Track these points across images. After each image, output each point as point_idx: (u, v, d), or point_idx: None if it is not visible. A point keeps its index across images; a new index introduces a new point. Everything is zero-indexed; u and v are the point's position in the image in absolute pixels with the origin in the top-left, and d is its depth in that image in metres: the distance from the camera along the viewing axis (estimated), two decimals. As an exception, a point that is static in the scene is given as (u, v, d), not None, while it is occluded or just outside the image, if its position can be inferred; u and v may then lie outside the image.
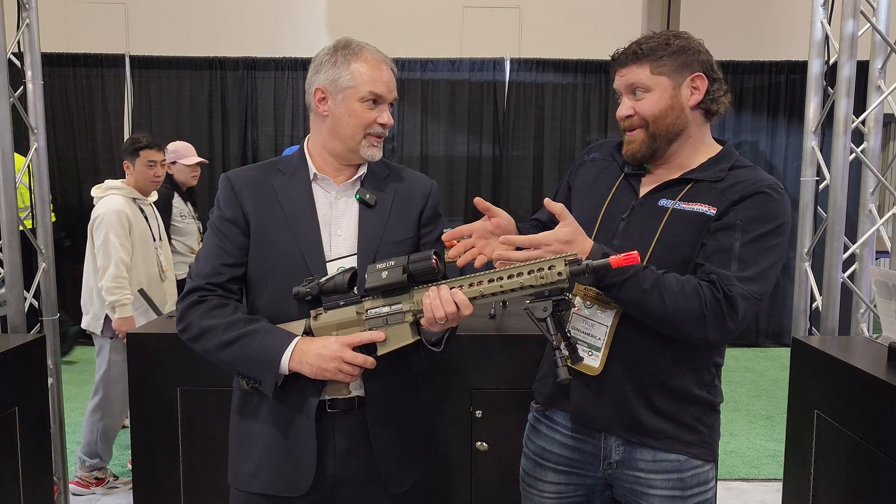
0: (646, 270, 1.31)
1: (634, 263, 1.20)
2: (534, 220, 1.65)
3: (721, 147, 1.47)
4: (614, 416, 1.43)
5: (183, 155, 3.80)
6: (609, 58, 1.50)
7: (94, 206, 3.10)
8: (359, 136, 1.43)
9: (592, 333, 1.43)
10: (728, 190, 1.37)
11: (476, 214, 1.66)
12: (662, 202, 1.41)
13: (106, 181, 3.17)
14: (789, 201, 1.38)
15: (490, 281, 1.28)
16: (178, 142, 3.89)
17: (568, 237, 1.31)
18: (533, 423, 1.60)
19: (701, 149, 1.45)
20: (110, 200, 3.05)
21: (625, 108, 1.44)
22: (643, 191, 1.46)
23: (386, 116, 1.45)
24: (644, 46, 1.40)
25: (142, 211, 3.16)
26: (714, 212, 1.36)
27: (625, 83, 1.43)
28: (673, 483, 1.42)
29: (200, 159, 3.86)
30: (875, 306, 2.24)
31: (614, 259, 1.19)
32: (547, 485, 1.54)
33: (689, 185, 1.41)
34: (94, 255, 3.02)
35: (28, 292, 2.53)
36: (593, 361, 1.42)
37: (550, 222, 1.50)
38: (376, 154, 1.46)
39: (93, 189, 3.18)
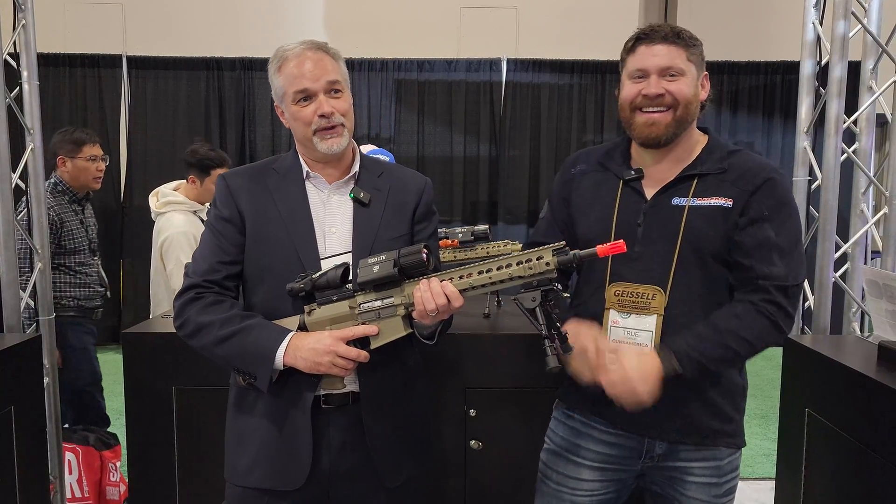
0: (703, 343, 1.36)
1: (621, 251, 1.23)
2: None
3: (706, 135, 1.51)
4: (667, 419, 1.44)
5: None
6: (605, 58, 1.56)
7: (151, 213, 3.06)
8: (309, 135, 1.43)
9: (638, 341, 1.43)
10: (738, 180, 1.42)
11: (474, 214, 1.67)
12: (676, 201, 1.43)
13: (161, 190, 3.09)
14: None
15: (480, 273, 1.30)
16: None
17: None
18: (564, 421, 1.57)
19: (694, 140, 1.50)
20: (174, 219, 2.99)
21: (656, 87, 1.42)
22: (649, 193, 1.46)
23: (323, 107, 1.41)
24: (682, 33, 1.44)
25: (202, 221, 3.16)
26: (731, 203, 1.40)
27: (660, 63, 1.42)
28: (711, 471, 1.46)
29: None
30: (866, 306, 2.25)
31: (601, 248, 1.23)
32: (582, 482, 1.52)
33: (696, 181, 1.43)
34: (162, 272, 3.00)
35: (24, 292, 2.54)
36: None
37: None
38: (333, 146, 1.43)
39: (150, 197, 3.13)
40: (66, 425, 2.95)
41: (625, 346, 1.40)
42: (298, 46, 1.44)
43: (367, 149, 3.14)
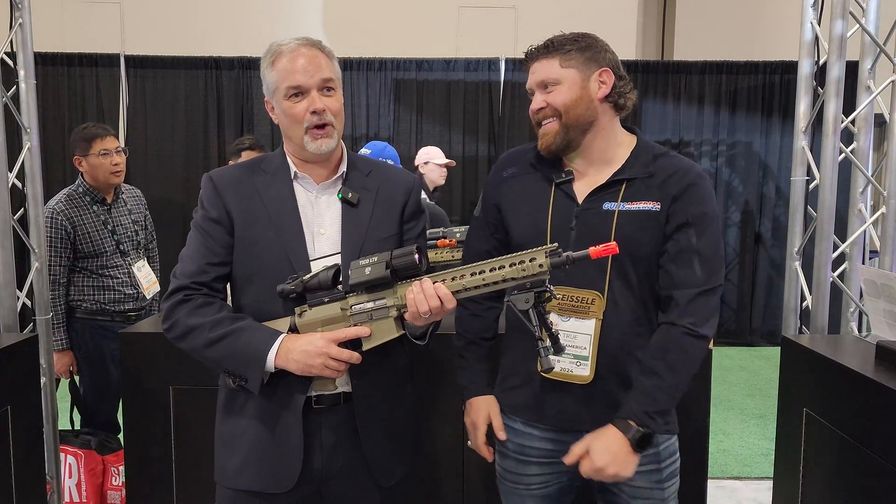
0: (651, 396, 1.40)
1: (614, 253, 1.24)
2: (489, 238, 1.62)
3: (634, 137, 1.53)
4: (604, 416, 1.46)
5: (434, 156, 4.03)
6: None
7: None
8: (300, 133, 1.42)
9: (576, 344, 1.45)
10: (664, 185, 1.45)
11: (471, 213, 1.68)
12: (607, 206, 1.46)
13: None
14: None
15: (472, 274, 1.30)
16: (430, 146, 4.23)
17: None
18: (507, 424, 1.60)
19: (616, 140, 1.51)
20: None
21: (537, 101, 1.49)
22: (580, 196, 1.48)
23: (315, 103, 1.40)
24: (554, 41, 1.48)
25: None
26: (658, 207, 1.44)
27: (536, 80, 1.49)
28: (650, 458, 1.49)
29: (449, 161, 4.03)
30: (864, 305, 2.25)
31: (593, 250, 1.23)
32: (532, 478, 1.57)
33: (624, 185, 1.46)
34: None
35: (21, 291, 2.53)
36: (582, 371, 1.46)
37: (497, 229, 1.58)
38: (322, 146, 1.42)
39: None
40: (76, 429, 2.94)
41: (587, 437, 1.44)
42: (293, 42, 1.43)
43: (372, 148, 3.12)
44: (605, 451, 1.38)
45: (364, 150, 3.05)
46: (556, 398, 1.49)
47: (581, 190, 1.49)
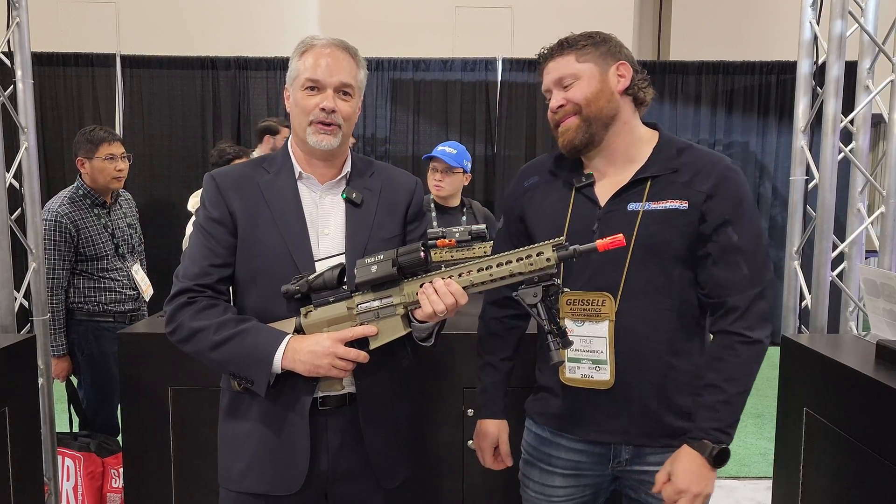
0: (718, 412, 1.37)
1: (621, 245, 1.23)
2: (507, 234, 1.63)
3: (656, 132, 1.50)
4: (635, 427, 1.45)
5: None
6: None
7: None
8: (304, 124, 1.43)
9: (593, 348, 1.43)
10: (692, 182, 1.41)
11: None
12: (631, 206, 1.42)
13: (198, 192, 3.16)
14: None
15: (479, 270, 1.29)
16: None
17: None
18: (534, 431, 1.59)
19: (638, 137, 1.48)
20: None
21: (556, 99, 1.46)
22: (602, 199, 1.46)
23: (327, 101, 1.40)
24: (568, 39, 1.46)
25: None
26: (686, 205, 1.40)
27: (553, 78, 1.46)
28: None
29: None
30: (864, 304, 2.26)
31: (601, 243, 1.23)
32: (556, 489, 1.55)
33: (649, 183, 1.43)
34: None
35: (18, 292, 2.52)
36: (602, 375, 1.43)
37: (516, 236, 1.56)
38: (323, 142, 1.42)
39: (190, 200, 3.14)
40: (74, 431, 2.92)
41: (667, 462, 1.42)
42: (327, 40, 1.44)
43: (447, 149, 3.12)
44: (686, 473, 1.37)
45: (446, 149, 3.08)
46: (587, 409, 1.47)
47: (604, 192, 1.46)
